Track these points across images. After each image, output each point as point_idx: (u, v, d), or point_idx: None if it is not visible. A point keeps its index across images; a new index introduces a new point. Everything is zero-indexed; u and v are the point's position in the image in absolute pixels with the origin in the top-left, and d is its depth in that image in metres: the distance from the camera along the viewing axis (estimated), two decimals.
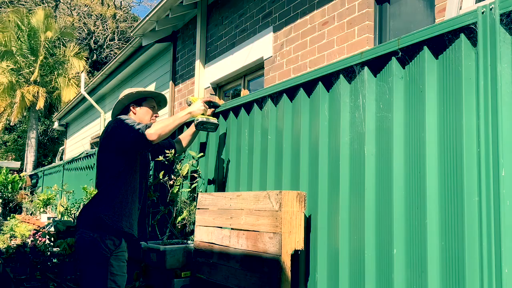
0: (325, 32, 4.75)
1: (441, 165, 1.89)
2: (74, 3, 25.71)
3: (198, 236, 3.04)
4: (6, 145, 24.07)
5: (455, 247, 1.80)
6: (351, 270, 2.24)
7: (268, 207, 2.45)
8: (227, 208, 2.78)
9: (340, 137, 2.37)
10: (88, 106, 13.48)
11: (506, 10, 1.70)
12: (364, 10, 4.31)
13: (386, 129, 2.14)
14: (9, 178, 12.03)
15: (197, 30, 7.18)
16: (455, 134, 1.85)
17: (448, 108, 1.89)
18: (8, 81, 16.65)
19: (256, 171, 3.01)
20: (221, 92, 7.06)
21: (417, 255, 1.93)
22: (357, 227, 2.23)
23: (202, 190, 3.56)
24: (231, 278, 2.65)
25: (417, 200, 1.96)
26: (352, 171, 2.30)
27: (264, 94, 2.95)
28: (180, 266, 3.08)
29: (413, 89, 2.03)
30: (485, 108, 1.73)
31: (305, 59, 4.97)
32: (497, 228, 1.65)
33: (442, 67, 1.93)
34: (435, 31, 1.92)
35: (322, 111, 2.51)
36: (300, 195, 2.44)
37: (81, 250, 2.56)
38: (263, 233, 2.46)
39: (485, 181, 1.71)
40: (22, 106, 17.06)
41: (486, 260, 1.68)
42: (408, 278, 1.96)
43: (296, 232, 2.39)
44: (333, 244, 2.37)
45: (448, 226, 1.83)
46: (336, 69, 2.42)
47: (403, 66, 2.10)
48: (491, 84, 1.72)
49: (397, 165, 2.06)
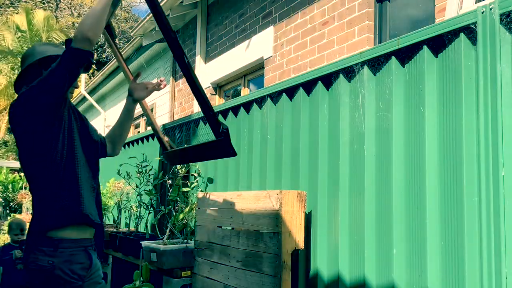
0: (325, 32, 4.75)
1: (441, 164, 1.89)
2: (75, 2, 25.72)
3: (198, 236, 3.04)
4: (6, 145, 24.08)
5: (455, 247, 1.80)
6: (351, 270, 2.24)
7: (268, 206, 2.45)
8: (228, 208, 2.78)
9: (340, 136, 2.37)
10: (88, 106, 13.50)
11: (505, 10, 1.70)
12: (364, 10, 4.31)
13: (386, 128, 2.13)
14: (9, 178, 12.03)
15: (197, 30, 7.18)
16: (455, 133, 1.84)
17: (448, 107, 1.89)
18: (8, 82, 16.67)
19: (255, 171, 3.01)
20: (221, 91, 7.06)
21: (417, 255, 1.93)
22: (357, 227, 2.23)
23: (202, 190, 3.57)
24: (231, 278, 2.65)
25: (417, 200, 1.96)
26: (352, 171, 2.30)
27: (263, 94, 2.95)
28: (180, 266, 3.08)
29: (413, 89, 2.03)
30: (485, 107, 1.73)
31: (305, 59, 4.97)
32: (496, 228, 1.65)
33: (442, 67, 1.93)
34: (435, 30, 1.92)
35: (321, 110, 2.51)
36: (301, 195, 2.44)
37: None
38: (264, 232, 2.46)
39: (485, 181, 1.71)
40: None
41: (486, 260, 1.68)
42: (408, 278, 1.96)
43: (297, 231, 2.39)
44: (333, 243, 2.37)
45: (448, 226, 1.83)
46: (335, 68, 2.42)
47: (403, 65, 2.10)
48: (491, 83, 1.72)
49: (397, 165, 2.06)
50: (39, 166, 1.90)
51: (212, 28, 7.02)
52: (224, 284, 2.71)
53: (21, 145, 1.93)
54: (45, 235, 1.87)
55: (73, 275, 1.88)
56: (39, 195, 1.93)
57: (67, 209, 1.91)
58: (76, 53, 1.79)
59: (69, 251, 1.90)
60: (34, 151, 1.90)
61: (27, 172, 1.96)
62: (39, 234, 1.89)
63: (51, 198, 1.90)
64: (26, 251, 1.94)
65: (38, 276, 1.87)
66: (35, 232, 1.91)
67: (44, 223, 1.89)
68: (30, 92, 1.85)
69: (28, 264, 1.89)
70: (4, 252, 4.31)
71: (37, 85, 1.84)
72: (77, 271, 1.90)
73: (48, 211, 1.90)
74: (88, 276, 1.94)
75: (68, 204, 1.92)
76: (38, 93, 1.83)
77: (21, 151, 1.95)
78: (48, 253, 1.86)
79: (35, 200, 1.96)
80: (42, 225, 1.89)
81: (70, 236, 1.91)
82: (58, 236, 1.88)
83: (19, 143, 1.94)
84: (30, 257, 1.88)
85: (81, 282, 1.90)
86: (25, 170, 1.97)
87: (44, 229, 1.88)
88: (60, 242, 1.88)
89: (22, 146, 1.93)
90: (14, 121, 1.92)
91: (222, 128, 2.07)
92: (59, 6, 25.87)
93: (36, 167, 1.91)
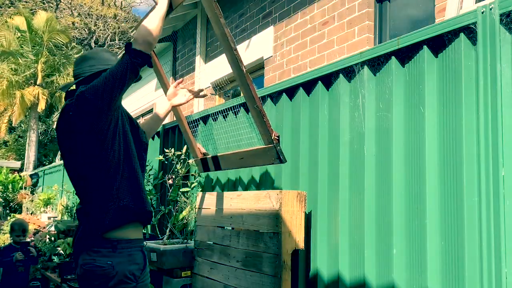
0: (325, 32, 4.75)
1: (441, 164, 1.89)
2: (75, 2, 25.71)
3: (198, 236, 3.04)
4: (6, 145, 24.08)
5: (455, 247, 1.79)
6: (351, 269, 2.24)
7: (268, 206, 2.45)
8: (228, 208, 2.78)
9: (340, 136, 2.37)
10: None
11: (505, 10, 1.70)
12: (364, 10, 4.31)
13: (386, 128, 2.13)
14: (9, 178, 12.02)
15: (197, 30, 7.18)
16: (455, 133, 1.84)
17: (448, 107, 1.89)
18: (8, 82, 16.67)
19: (255, 170, 3.01)
20: (221, 91, 7.06)
21: (417, 255, 1.93)
22: (357, 227, 2.23)
23: (202, 190, 3.57)
24: (231, 278, 2.65)
25: (417, 200, 1.96)
26: (352, 171, 2.29)
27: (263, 94, 2.95)
28: (180, 266, 3.08)
29: (413, 89, 2.03)
30: (485, 107, 1.73)
31: (305, 59, 4.97)
32: (496, 228, 1.65)
33: (442, 67, 1.93)
34: (435, 30, 1.92)
35: (321, 110, 2.51)
36: (300, 195, 2.44)
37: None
38: (264, 232, 2.46)
39: (485, 181, 1.71)
40: (23, 107, 17.07)
41: (485, 260, 1.68)
42: (408, 278, 1.96)
43: (297, 231, 2.39)
44: (333, 243, 2.37)
45: (448, 226, 1.83)
46: (335, 68, 2.42)
47: (403, 65, 2.10)
48: (491, 83, 1.72)
49: (397, 165, 2.06)
50: (95, 166, 1.88)
51: (212, 28, 7.02)
52: (224, 284, 2.71)
53: (74, 145, 1.90)
54: (102, 236, 1.85)
55: (129, 276, 1.86)
56: (93, 196, 1.90)
57: (127, 209, 1.90)
58: (138, 54, 1.83)
59: (127, 251, 1.89)
60: (90, 151, 1.87)
61: (80, 173, 1.93)
62: (95, 236, 1.86)
63: (109, 198, 1.88)
64: (78, 253, 1.90)
65: (94, 277, 1.83)
66: (89, 234, 1.88)
67: (101, 223, 1.86)
68: (89, 92, 1.83)
69: (83, 265, 1.85)
70: (4, 253, 4.26)
71: (96, 86, 1.82)
72: (134, 271, 1.88)
73: (106, 211, 1.87)
74: (141, 277, 1.93)
75: (129, 203, 1.91)
76: (97, 93, 1.82)
77: (73, 152, 1.92)
78: (106, 254, 1.84)
79: (88, 201, 1.92)
80: (98, 226, 1.86)
81: (127, 236, 1.90)
82: (116, 237, 1.87)
83: (71, 144, 1.91)
84: (84, 258, 1.85)
85: (135, 283, 1.88)
86: (78, 171, 1.93)
87: (102, 230, 1.86)
88: (118, 243, 1.86)
89: (75, 146, 1.90)
90: (70, 121, 1.89)
91: (274, 135, 2.12)
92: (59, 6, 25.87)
93: (91, 168, 1.89)
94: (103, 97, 1.81)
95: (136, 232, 1.96)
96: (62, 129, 1.94)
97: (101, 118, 1.84)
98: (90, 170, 1.89)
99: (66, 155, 1.96)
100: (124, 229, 1.89)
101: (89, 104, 1.82)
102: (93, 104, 1.81)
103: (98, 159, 1.87)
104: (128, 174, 1.93)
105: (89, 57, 2.04)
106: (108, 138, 1.88)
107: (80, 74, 2.00)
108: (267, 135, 2.15)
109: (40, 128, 21.84)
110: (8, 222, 7.39)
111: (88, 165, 1.89)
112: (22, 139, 23.68)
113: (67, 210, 6.07)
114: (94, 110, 1.82)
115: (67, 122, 1.90)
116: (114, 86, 1.82)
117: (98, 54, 2.06)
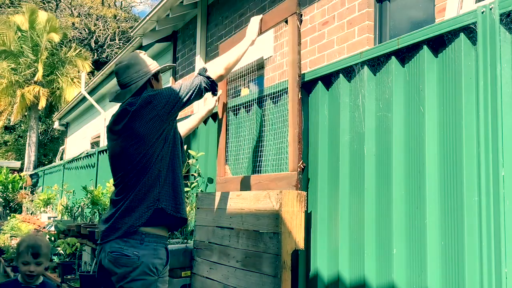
0: (325, 32, 4.74)
1: (441, 164, 1.89)
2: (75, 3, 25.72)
3: (198, 236, 3.04)
4: (6, 144, 24.09)
5: (455, 246, 1.79)
6: (351, 270, 2.24)
7: (268, 206, 2.45)
8: (227, 208, 2.78)
9: (340, 136, 2.37)
10: (88, 106, 13.49)
11: (506, 10, 1.70)
12: (364, 10, 4.31)
13: (386, 128, 2.13)
14: (9, 178, 12.02)
15: (197, 30, 7.18)
16: (455, 133, 1.84)
17: (448, 107, 1.89)
18: (8, 81, 16.67)
19: None
20: None
21: (417, 255, 1.93)
22: (357, 227, 2.23)
23: (202, 190, 3.57)
24: (231, 278, 2.65)
25: (417, 200, 1.96)
26: (352, 171, 2.29)
27: (263, 94, 2.95)
28: (180, 266, 3.08)
29: (413, 89, 2.03)
30: (485, 107, 1.73)
31: (305, 59, 4.97)
32: (496, 228, 1.65)
33: (442, 67, 1.93)
34: (435, 30, 1.92)
35: (321, 110, 2.51)
36: (301, 195, 2.44)
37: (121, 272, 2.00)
38: (263, 232, 2.46)
39: (485, 181, 1.70)
40: (23, 106, 17.07)
41: (485, 260, 1.68)
42: (408, 278, 1.96)
43: (297, 232, 2.39)
44: (333, 243, 2.37)
45: (448, 226, 1.83)
46: (335, 68, 2.41)
47: (403, 65, 2.10)
48: (491, 83, 1.72)
49: (397, 165, 2.06)
50: (146, 166, 2.05)
51: (212, 28, 7.02)
52: (223, 284, 2.71)
53: (129, 145, 2.07)
54: (133, 230, 2.01)
55: (152, 269, 2.00)
56: (137, 194, 2.05)
57: (165, 213, 2.07)
58: (209, 82, 2.11)
59: (154, 245, 2.04)
60: (144, 152, 2.05)
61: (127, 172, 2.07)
62: (128, 229, 2.01)
63: (151, 199, 2.05)
64: (106, 240, 2.04)
65: (119, 265, 1.98)
66: (123, 226, 2.03)
67: (139, 220, 2.02)
68: (154, 97, 2.05)
69: (111, 252, 2.01)
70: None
71: (163, 94, 2.06)
72: (157, 265, 2.02)
73: (145, 211, 2.04)
74: (163, 272, 2.07)
75: (168, 207, 2.08)
76: (161, 101, 2.04)
77: (125, 152, 2.09)
78: (134, 244, 2.00)
79: (130, 197, 2.06)
80: (135, 221, 2.02)
81: (154, 232, 2.06)
82: (144, 231, 2.03)
83: (126, 142, 2.08)
84: (113, 246, 2.01)
85: (156, 277, 2.02)
86: (130, 167, 2.07)
87: (138, 225, 2.02)
88: (146, 236, 2.03)
89: (130, 146, 2.07)
90: (128, 121, 2.06)
91: (301, 164, 2.35)
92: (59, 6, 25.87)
93: (143, 167, 2.05)
94: (165, 107, 2.03)
95: (163, 231, 2.11)
96: (117, 131, 2.12)
97: (160, 123, 2.05)
98: (140, 169, 2.06)
99: (118, 152, 2.13)
100: (154, 226, 2.06)
101: (151, 108, 2.03)
102: (155, 110, 2.03)
103: (146, 161, 2.05)
104: (172, 181, 2.12)
105: (133, 63, 2.20)
106: (161, 142, 2.08)
107: (129, 82, 2.17)
108: (295, 162, 2.30)
109: (40, 128, 21.84)
110: (8, 222, 7.38)
111: (140, 164, 2.06)
112: (22, 139, 23.69)
113: (67, 210, 6.07)
114: (154, 115, 2.03)
115: (125, 124, 2.08)
116: (178, 100, 2.05)
117: (138, 59, 2.23)
